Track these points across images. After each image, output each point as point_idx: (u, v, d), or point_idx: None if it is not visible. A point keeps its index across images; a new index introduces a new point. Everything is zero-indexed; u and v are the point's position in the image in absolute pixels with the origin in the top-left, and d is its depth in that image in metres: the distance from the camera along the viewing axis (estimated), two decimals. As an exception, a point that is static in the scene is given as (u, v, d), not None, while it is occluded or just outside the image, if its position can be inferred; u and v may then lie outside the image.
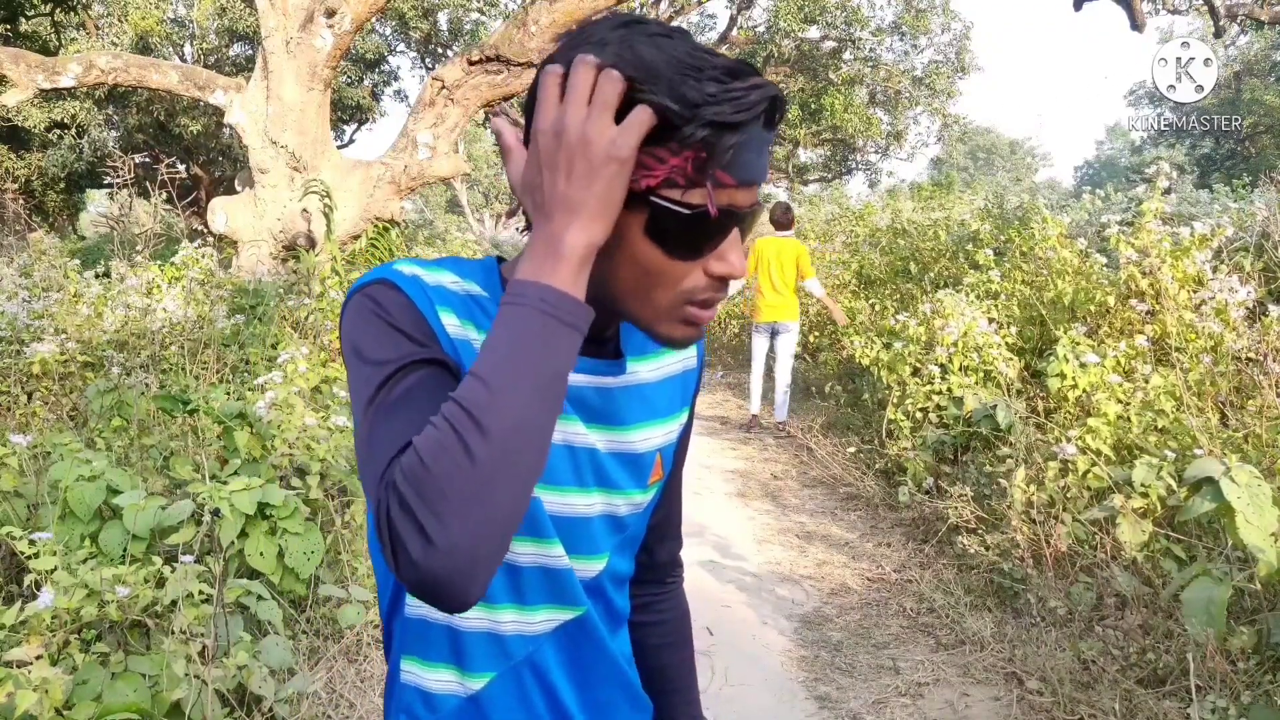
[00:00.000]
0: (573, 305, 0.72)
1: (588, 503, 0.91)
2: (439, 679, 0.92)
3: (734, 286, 7.56)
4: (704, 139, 0.74)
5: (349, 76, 17.69)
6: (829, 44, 18.57)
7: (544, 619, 0.91)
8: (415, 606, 0.91)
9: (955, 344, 5.28)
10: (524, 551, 0.88)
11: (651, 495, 0.99)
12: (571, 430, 0.89)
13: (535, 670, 0.92)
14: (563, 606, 0.92)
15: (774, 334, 7.28)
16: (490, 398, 0.68)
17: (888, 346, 5.99)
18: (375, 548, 0.94)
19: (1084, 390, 4.29)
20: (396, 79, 26.42)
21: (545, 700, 0.93)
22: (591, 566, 0.94)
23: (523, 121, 0.85)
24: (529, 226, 0.83)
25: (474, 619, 0.89)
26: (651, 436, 0.96)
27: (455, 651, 0.91)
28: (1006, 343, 5.30)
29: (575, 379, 0.88)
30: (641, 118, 0.72)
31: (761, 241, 7.08)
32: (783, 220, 7.20)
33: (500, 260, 0.92)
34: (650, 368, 0.97)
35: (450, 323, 0.83)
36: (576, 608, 0.92)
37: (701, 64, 0.74)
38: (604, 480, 0.92)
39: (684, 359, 1.01)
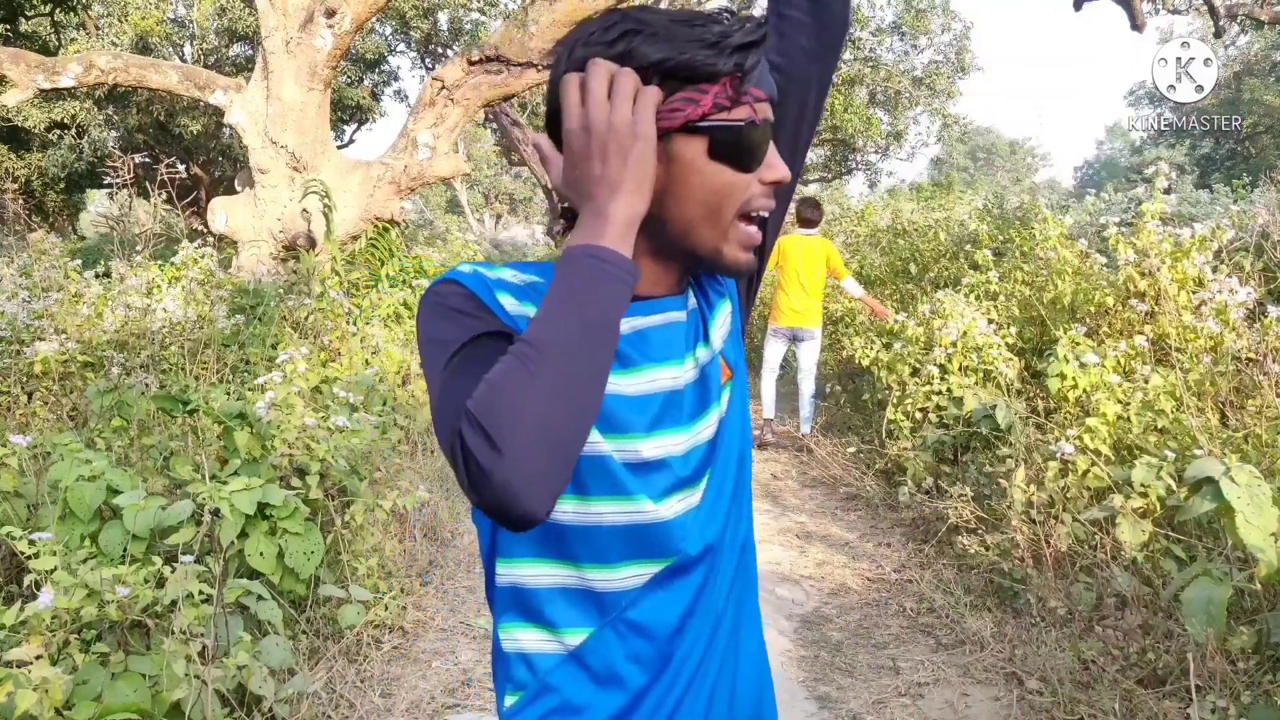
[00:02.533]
0: (621, 260, 0.81)
1: (690, 435, 0.96)
2: (536, 638, 0.95)
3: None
4: (735, 64, 0.87)
5: (349, 76, 17.67)
6: (829, 44, 18.53)
7: (631, 574, 0.94)
8: (504, 575, 0.95)
9: (954, 344, 5.28)
10: (607, 510, 0.91)
11: (729, 395, 1.02)
12: (664, 375, 0.95)
13: (630, 623, 0.94)
14: (650, 560, 0.94)
15: (794, 339, 6.79)
16: (547, 332, 0.77)
17: (887, 347, 5.99)
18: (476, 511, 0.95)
19: (1084, 390, 4.28)
20: (396, 79, 26.41)
21: (647, 647, 0.94)
22: (693, 496, 0.97)
23: (523, 121, 0.90)
24: (567, 229, 0.91)
25: (563, 577, 0.93)
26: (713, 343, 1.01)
27: (542, 613, 0.94)
28: (1006, 343, 5.29)
29: (647, 321, 0.95)
30: (649, 96, 0.84)
31: (786, 240, 6.63)
32: (811, 218, 6.74)
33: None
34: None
35: (508, 303, 0.91)
36: (664, 559, 0.94)
37: (692, 18, 0.88)
38: (696, 410, 0.98)
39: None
